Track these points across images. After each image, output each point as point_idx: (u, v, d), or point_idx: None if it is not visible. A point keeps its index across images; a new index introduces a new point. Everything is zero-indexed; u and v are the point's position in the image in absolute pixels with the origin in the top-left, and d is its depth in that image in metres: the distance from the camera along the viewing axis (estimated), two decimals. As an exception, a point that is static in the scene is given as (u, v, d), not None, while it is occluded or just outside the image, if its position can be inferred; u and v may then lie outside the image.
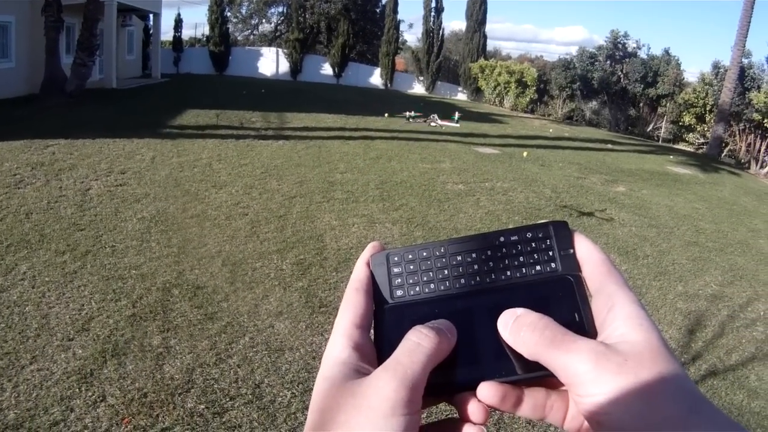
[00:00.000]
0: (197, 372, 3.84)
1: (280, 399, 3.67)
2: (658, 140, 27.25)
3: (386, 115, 17.99)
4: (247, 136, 12.26)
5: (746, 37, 22.55)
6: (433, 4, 33.72)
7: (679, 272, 7.15)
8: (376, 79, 34.65)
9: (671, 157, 18.74)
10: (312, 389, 0.42)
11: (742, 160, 22.76)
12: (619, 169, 14.32)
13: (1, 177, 7.56)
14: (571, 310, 0.45)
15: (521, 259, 0.48)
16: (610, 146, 18.81)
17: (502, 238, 0.49)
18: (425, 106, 21.50)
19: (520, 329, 0.42)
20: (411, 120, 17.63)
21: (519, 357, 0.43)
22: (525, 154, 14.00)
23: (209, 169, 9.18)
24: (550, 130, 21.16)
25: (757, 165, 21.52)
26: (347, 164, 10.55)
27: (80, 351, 3.92)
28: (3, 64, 15.61)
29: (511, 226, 0.51)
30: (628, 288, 0.43)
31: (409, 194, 8.92)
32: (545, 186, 10.72)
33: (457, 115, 18.17)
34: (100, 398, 3.46)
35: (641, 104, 29.23)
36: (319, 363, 0.44)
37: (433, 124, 13.96)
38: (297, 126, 14.42)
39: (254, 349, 4.21)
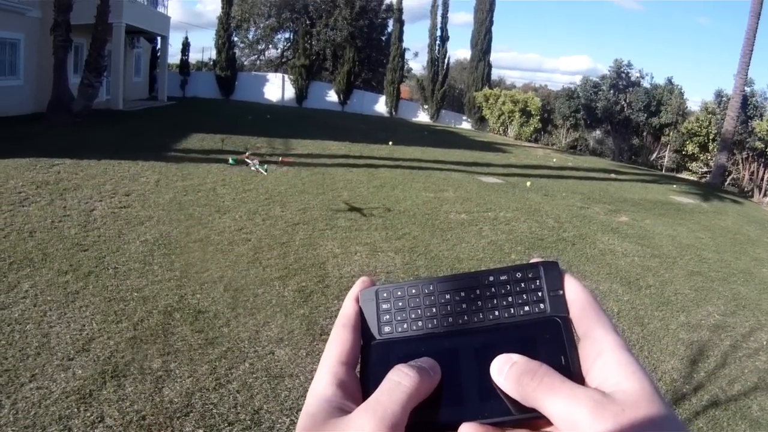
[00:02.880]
0: (196, 396, 3.82)
1: (278, 426, 3.65)
2: (661, 169, 27.34)
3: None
4: (251, 160, 12.30)
5: (749, 66, 22.76)
6: (439, 33, 34.18)
7: (682, 302, 7.13)
8: (381, 106, 34.92)
9: (674, 186, 18.76)
10: None
11: (746, 189, 22.82)
12: (622, 198, 14.33)
13: (6, 194, 7.63)
14: (558, 353, 0.44)
15: (510, 299, 0.48)
16: (613, 176, 18.85)
17: (491, 278, 0.48)
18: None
19: (520, 376, 0.42)
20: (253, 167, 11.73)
21: (503, 399, 0.43)
22: (528, 183, 14.03)
23: (213, 193, 9.22)
24: (554, 160, 21.25)
25: (760, 193, 21.57)
26: (351, 192, 10.58)
27: (80, 371, 3.91)
28: (11, 82, 15.81)
29: (512, 262, 0.50)
30: (616, 332, 0.43)
31: (411, 223, 8.92)
32: (548, 216, 10.73)
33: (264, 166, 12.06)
34: (99, 419, 3.45)
35: (644, 133, 29.35)
36: None
37: (253, 168, 10.55)
38: (301, 152, 14.51)
39: (254, 375, 4.19)
